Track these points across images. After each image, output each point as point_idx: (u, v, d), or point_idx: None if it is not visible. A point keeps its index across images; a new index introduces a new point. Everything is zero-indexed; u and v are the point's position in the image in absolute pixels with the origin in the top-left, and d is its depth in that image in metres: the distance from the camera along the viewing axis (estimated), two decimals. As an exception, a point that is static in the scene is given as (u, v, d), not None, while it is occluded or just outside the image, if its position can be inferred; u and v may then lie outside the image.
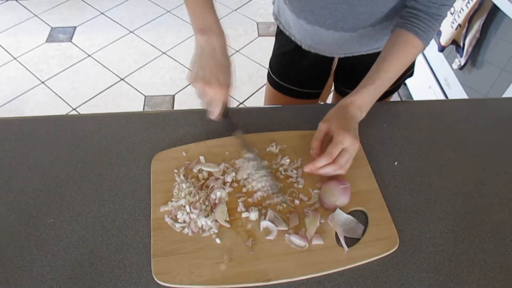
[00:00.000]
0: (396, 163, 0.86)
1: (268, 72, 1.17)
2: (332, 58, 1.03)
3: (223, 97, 0.76)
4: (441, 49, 1.90)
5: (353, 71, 0.97)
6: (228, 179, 0.79)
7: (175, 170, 0.80)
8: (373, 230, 0.73)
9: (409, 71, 1.12)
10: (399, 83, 1.12)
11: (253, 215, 0.73)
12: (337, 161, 0.72)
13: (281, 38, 1.06)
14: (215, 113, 0.77)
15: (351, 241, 0.72)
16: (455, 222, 0.76)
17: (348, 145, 0.72)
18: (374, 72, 0.79)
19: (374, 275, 0.68)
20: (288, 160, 0.83)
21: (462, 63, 1.78)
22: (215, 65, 0.76)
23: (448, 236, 0.74)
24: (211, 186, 0.77)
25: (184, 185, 0.77)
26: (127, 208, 0.76)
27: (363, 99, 0.78)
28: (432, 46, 2.06)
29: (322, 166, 0.72)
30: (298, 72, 1.10)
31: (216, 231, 0.72)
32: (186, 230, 0.72)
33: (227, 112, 0.79)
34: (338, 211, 0.75)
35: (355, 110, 0.77)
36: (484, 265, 0.70)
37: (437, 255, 0.71)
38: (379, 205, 0.77)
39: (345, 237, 0.71)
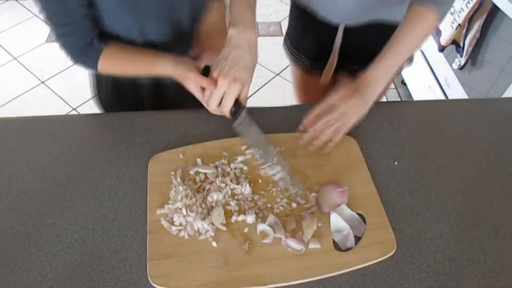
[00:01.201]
0: (396, 163, 0.86)
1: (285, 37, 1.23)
2: (336, 29, 1.05)
3: (233, 93, 0.74)
4: (441, 49, 1.90)
5: (359, 45, 1.02)
6: (220, 183, 0.78)
7: (172, 173, 0.80)
8: (370, 234, 0.73)
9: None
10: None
11: (250, 218, 0.73)
12: (324, 119, 0.78)
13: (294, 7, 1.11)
14: (225, 107, 0.75)
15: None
16: (455, 222, 0.76)
17: (338, 103, 0.78)
18: (388, 46, 0.81)
19: (374, 275, 0.68)
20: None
21: (462, 63, 1.78)
22: (237, 59, 0.74)
23: (448, 236, 0.74)
24: (207, 188, 0.77)
25: (180, 188, 0.77)
26: (127, 209, 0.76)
27: (378, 69, 0.81)
28: (432, 46, 2.06)
29: (316, 115, 0.79)
30: (304, 41, 1.15)
31: (212, 234, 0.71)
32: (182, 233, 0.71)
33: (236, 110, 0.77)
34: (343, 206, 0.74)
35: (368, 81, 0.80)
36: (484, 265, 0.70)
37: (437, 255, 0.71)
38: (377, 209, 0.76)
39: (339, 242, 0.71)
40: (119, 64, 0.85)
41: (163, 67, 0.81)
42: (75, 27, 0.80)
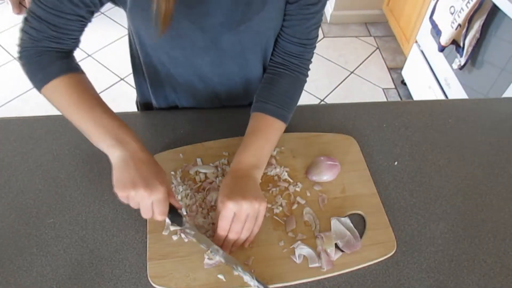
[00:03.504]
0: (396, 163, 0.86)
1: None
2: None
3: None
4: (441, 49, 1.90)
5: None
6: (220, 183, 0.78)
7: (172, 172, 0.80)
8: (370, 234, 0.73)
9: None
10: None
11: None
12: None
13: None
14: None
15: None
16: (455, 222, 0.76)
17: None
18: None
19: (374, 275, 0.68)
20: (285, 172, 0.82)
21: (462, 63, 1.78)
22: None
23: (448, 236, 0.74)
24: (207, 188, 0.77)
25: (181, 188, 0.77)
26: (127, 208, 0.75)
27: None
28: (432, 46, 2.06)
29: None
30: None
31: (212, 234, 0.71)
32: (182, 233, 0.71)
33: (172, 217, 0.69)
34: (335, 222, 0.74)
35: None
36: (484, 265, 0.70)
37: (437, 255, 0.71)
38: (377, 209, 0.77)
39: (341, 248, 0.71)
40: (69, 101, 0.67)
41: (128, 146, 0.64)
42: (59, 20, 0.66)
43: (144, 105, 1.02)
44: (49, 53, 0.69)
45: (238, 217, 0.65)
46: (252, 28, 0.75)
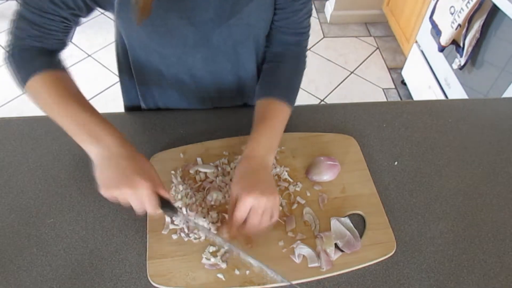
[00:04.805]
0: (396, 163, 0.86)
1: None
2: None
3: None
4: (441, 49, 1.90)
5: None
6: (220, 182, 0.78)
7: (172, 172, 0.80)
8: (370, 234, 0.73)
9: None
10: None
11: None
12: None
13: None
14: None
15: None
16: (455, 222, 0.76)
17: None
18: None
19: (374, 275, 0.68)
20: (285, 172, 0.82)
21: (462, 63, 1.78)
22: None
23: (448, 236, 0.74)
24: (207, 188, 0.77)
25: (181, 187, 0.77)
26: (127, 208, 0.75)
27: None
28: (432, 46, 2.06)
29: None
30: None
31: (215, 231, 0.71)
32: (182, 233, 0.71)
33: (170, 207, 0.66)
34: (335, 222, 0.74)
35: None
36: (484, 265, 0.70)
37: (437, 255, 0.71)
38: (377, 209, 0.77)
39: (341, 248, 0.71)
40: (48, 97, 0.67)
41: (105, 142, 0.62)
42: (44, 20, 0.66)
43: (130, 108, 1.01)
44: (32, 51, 0.69)
45: (256, 210, 0.64)
46: (243, 21, 0.75)
